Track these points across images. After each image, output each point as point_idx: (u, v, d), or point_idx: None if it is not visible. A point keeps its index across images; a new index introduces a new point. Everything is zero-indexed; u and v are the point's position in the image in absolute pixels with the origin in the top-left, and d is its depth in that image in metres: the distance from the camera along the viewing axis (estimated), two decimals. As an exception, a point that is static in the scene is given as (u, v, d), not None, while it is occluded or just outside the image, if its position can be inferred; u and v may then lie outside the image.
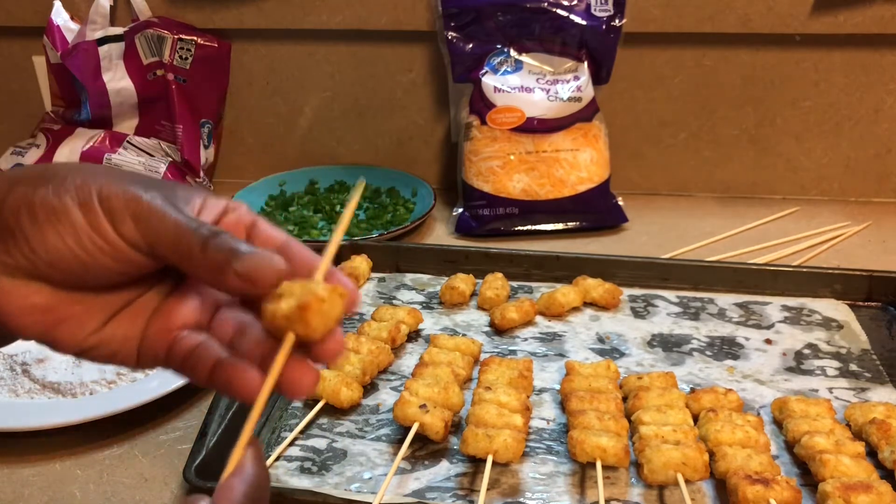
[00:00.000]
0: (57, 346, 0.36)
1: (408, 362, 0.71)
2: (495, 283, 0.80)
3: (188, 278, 0.38)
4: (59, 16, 1.05)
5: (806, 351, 0.72)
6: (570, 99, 0.98)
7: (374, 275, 0.84)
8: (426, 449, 0.59)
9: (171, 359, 0.37)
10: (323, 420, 0.63)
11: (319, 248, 0.39)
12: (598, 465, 0.55)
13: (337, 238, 0.38)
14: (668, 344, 0.74)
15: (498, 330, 0.75)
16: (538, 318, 0.77)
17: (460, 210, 1.00)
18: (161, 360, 0.37)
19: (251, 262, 0.34)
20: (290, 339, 0.34)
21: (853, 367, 0.70)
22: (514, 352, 0.72)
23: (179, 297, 0.38)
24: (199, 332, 0.37)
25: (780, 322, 0.77)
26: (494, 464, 0.56)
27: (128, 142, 1.07)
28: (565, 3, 0.98)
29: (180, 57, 1.06)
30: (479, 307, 0.79)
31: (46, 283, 0.34)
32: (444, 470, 0.57)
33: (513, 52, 1.00)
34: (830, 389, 0.67)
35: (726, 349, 0.73)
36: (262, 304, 0.34)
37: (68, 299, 0.35)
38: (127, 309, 0.37)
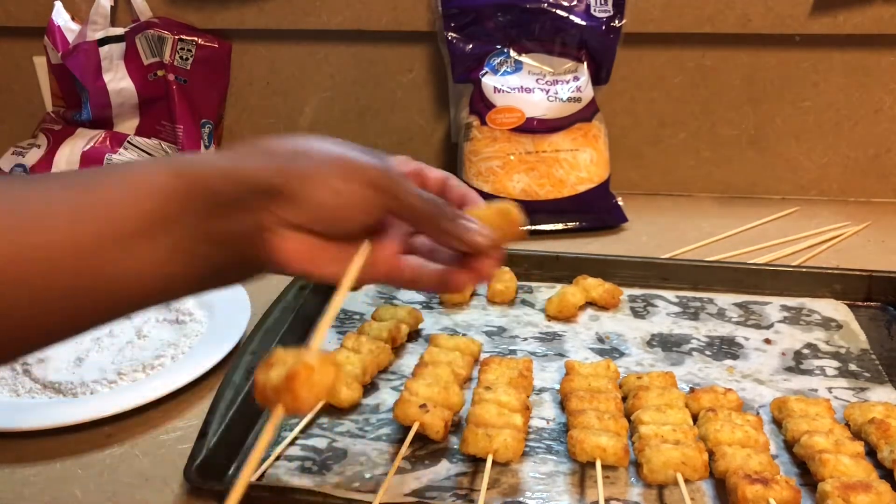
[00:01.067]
0: (316, 278, 0.45)
1: (408, 362, 0.71)
2: (504, 277, 0.80)
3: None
4: (60, 16, 1.05)
5: (805, 351, 0.72)
6: (569, 99, 0.98)
7: (374, 275, 0.85)
8: (426, 448, 0.59)
9: (400, 279, 0.48)
10: (323, 419, 0.63)
11: None
12: (598, 464, 0.55)
13: (338, 302, 0.43)
14: (668, 344, 0.74)
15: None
16: (538, 319, 0.78)
17: (460, 210, 1.00)
18: (382, 278, 0.48)
19: (473, 236, 0.47)
20: (279, 410, 0.35)
21: (852, 366, 0.70)
22: (513, 351, 0.73)
23: (391, 231, 0.48)
24: (415, 257, 0.49)
25: (779, 322, 0.77)
26: (494, 463, 0.56)
27: (128, 142, 1.07)
28: (565, 4, 0.98)
29: (181, 57, 1.07)
30: (490, 301, 0.80)
31: (310, 233, 0.43)
32: (444, 469, 0.58)
33: (513, 53, 1.00)
34: (830, 389, 0.67)
35: (726, 349, 0.73)
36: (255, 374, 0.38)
37: (320, 246, 0.44)
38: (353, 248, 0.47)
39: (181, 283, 0.43)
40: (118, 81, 1.05)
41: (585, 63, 1.00)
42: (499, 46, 1.00)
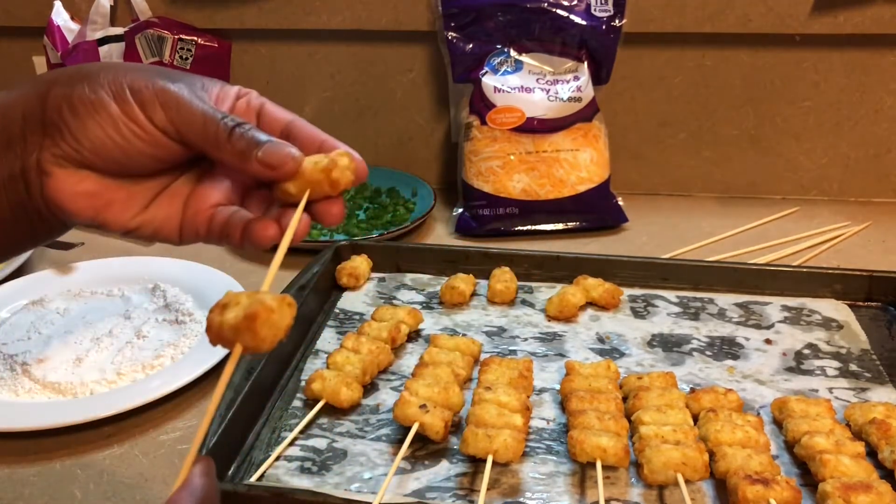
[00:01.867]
0: (106, 226, 0.41)
1: (408, 362, 0.71)
2: (504, 277, 0.80)
3: (217, 165, 0.43)
4: (60, 16, 1.05)
5: (806, 351, 0.72)
6: (570, 99, 0.98)
7: (374, 275, 0.84)
8: (426, 449, 0.59)
9: (210, 231, 0.42)
10: (323, 420, 0.63)
11: (318, 249, 0.39)
12: (598, 465, 0.55)
13: (276, 262, 0.39)
14: (668, 344, 0.74)
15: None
16: (538, 319, 0.78)
17: (460, 210, 1.00)
18: (201, 234, 0.43)
19: (270, 150, 0.40)
20: (238, 348, 0.35)
21: (853, 367, 0.70)
22: (514, 352, 0.72)
23: (211, 180, 0.43)
24: (231, 206, 0.43)
25: (780, 322, 0.77)
26: (494, 464, 0.56)
27: (128, 142, 1.07)
28: (565, 4, 0.98)
29: (181, 57, 1.06)
30: (490, 301, 0.80)
31: (92, 170, 0.39)
32: (444, 470, 0.57)
33: (513, 53, 1.00)
34: (830, 389, 0.67)
35: (726, 349, 0.73)
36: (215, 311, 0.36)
37: (113, 185, 0.40)
38: (165, 192, 0.42)
39: None
40: (118, 81, 1.05)
41: (586, 63, 1.00)
42: (499, 46, 1.00)
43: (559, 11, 0.98)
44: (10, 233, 0.41)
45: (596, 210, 1.00)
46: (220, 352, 0.69)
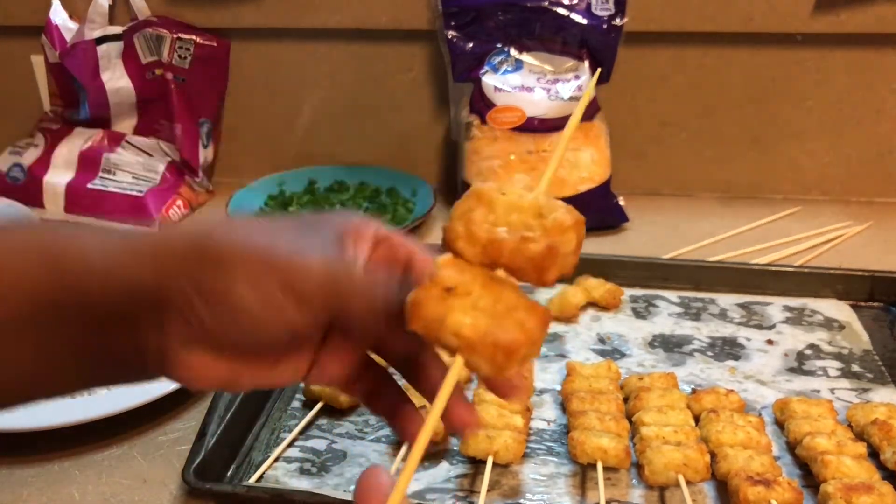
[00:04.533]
0: (234, 391, 0.43)
1: (408, 363, 0.70)
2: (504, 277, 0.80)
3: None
4: (58, 15, 1.05)
5: (807, 351, 0.72)
6: (570, 98, 0.98)
7: (373, 275, 0.84)
8: (426, 450, 0.59)
9: (351, 393, 0.39)
10: (322, 421, 0.62)
11: None
12: (599, 466, 0.55)
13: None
14: (670, 344, 0.73)
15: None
16: (539, 319, 0.77)
17: (460, 210, 1.00)
18: (340, 385, 0.39)
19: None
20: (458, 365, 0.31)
21: (855, 367, 0.70)
22: (514, 352, 0.72)
23: (332, 349, 0.37)
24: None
25: (781, 322, 0.76)
26: (495, 465, 0.55)
27: (126, 141, 1.07)
28: (566, 3, 0.98)
29: (179, 56, 1.06)
30: None
31: (221, 352, 0.34)
32: (444, 471, 0.57)
33: (513, 52, 0.99)
34: (832, 390, 0.67)
35: (728, 350, 0.72)
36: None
37: (241, 362, 0.35)
38: (288, 357, 0.37)
39: (54, 390, 0.37)
40: (116, 80, 1.05)
41: (587, 62, 1.00)
42: (499, 45, 0.99)
43: (560, 10, 0.98)
44: (107, 382, 0.39)
45: (597, 210, 0.99)
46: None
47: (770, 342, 0.73)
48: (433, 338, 0.29)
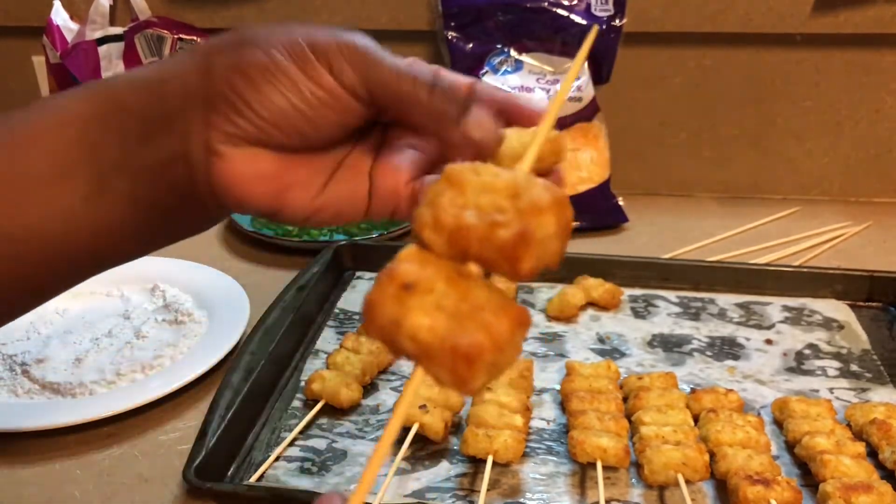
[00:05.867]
0: (284, 212, 0.36)
1: (408, 363, 0.70)
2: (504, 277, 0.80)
3: (392, 135, 0.38)
4: (59, 15, 1.05)
5: (806, 351, 0.72)
6: (570, 99, 0.98)
7: (373, 275, 0.84)
8: (426, 449, 0.59)
9: (406, 214, 0.37)
10: (323, 420, 0.62)
11: (317, 249, 0.39)
12: (599, 465, 0.55)
13: (562, 95, 0.33)
14: (669, 344, 0.73)
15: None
16: (539, 319, 0.77)
17: (460, 210, 1.00)
18: (402, 213, 0.37)
19: (477, 120, 0.34)
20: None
21: (854, 367, 0.70)
22: (514, 352, 0.72)
23: (395, 151, 0.37)
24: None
25: (780, 322, 0.76)
26: (494, 464, 0.55)
27: (127, 142, 1.07)
28: (565, 3, 0.98)
29: (180, 57, 1.06)
30: None
31: (269, 148, 0.34)
32: (444, 470, 0.57)
33: (513, 52, 1.00)
34: (831, 390, 0.67)
35: (727, 349, 0.72)
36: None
37: (292, 164, 0.35)
38: (343, 167, 0.37)
39: (118, 232, 0.36)
40: (117, 81, 1.05)
41: (586, 62, 1.00)
42: (499, 46, 1.00)
43: (559, 11, 0.98)
44: (165, 222, 0.37)
45: (596, 210, 0.99)
46: (220, 352, 0.69)
47: (769, 342, 0.73)
48: (390, 345, 0.25)
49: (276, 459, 0.58)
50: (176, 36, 1.05)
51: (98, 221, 0.35)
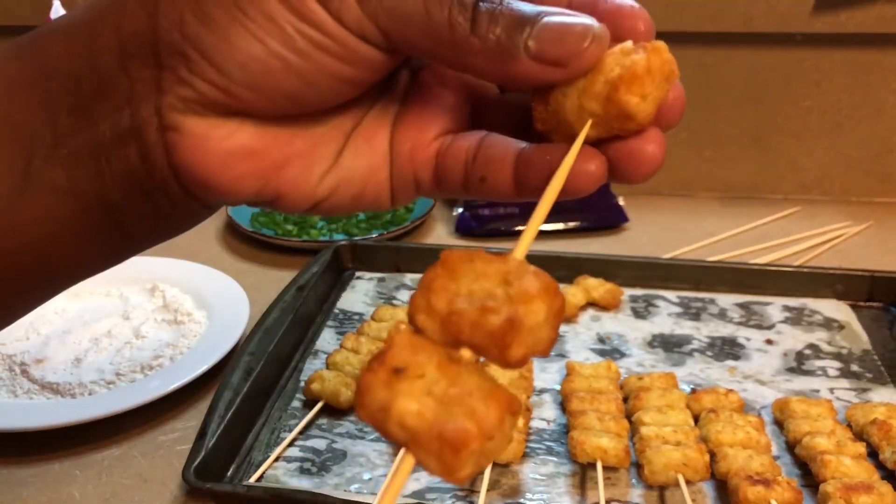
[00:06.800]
0: (284, 201, 0.27)
1: (408, 363, 0.70)
2: None
3: (424, 78, 0.28)
4: (58, 14, 1.05)
5: (807, 351, 0.72)
6: (570, 98, 0.98)
7: (373, 275, 0.84)
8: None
9: (444, 176, 0.27)
10: (322, 421, 0.62)
11: (317, 249, 0.38)
12: (599, 465, 0.55)
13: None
14: (669, 344, 0.73)
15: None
16: (538, 319, 0.77)
17: (460, 210, 1.00)
18: (425, 185, 0.28)
19: (551, 30, 0.23)
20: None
21: (854, 367, 0.70)
22: (514, 352, 0.72)
23: (423, 102, 0.28)
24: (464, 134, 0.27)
25: (781, 322, 0.76)
26: (494, 464, 0.55)
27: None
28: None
29: (180, 56, 1.06)
30: None
31: (248, 116, 0.25)
32: (443, 471, 0.57)
33: (513, 52, 0.99)
34: (832, 390, 0.67)
35: (727, 349, 0.72)
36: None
37: (283, 134, 0.26)
38: (358, 133, 0.28)
39: (63, 239, 0.27)
40: (117, 80, 1.05)
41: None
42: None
43: (560, 10, 0.98)
44: (122, 224, 0.27)
45: (596, 210, 0.99)
46: (219, 352, 0.69)
47: (769, 342, 0.73)
48: (381, 430, 0.24)
49: (276, 460, 0.58)
50: (176, 35, 1.05)
51: (34, 224, 0.26)
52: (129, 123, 0.25)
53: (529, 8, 0.24)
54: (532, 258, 0.25)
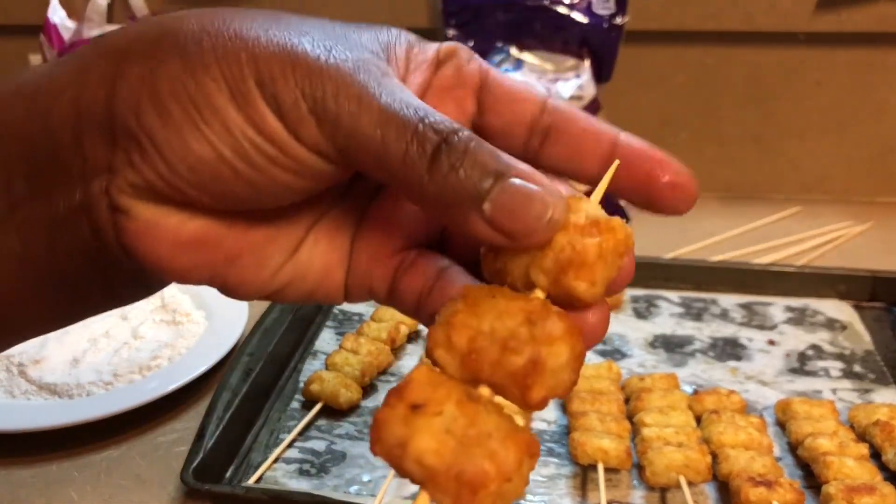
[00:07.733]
0: (233, 291, 0.26)
1: (407, 363, 0.70)
2: None
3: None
4: (56, 14, 1.04)
5: (809, 352, 0.72)
6: (571, 97, 0.98)
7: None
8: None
9: (399, 299, 0.27)
10: (322, 422, 0.62)
11: None
12: (600, 467, 0.55)
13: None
14: (671, 345, 0.73)
15: None
16: (539, 319, 0.77)
17: (461, 209, 1.00)
18: (381, 297, 0.27)
19: (506, 201, 0.22)
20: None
21: (857, 368, 0.69)
22: (514, 352, 0.72)
23: (389, 205, 0.27)
24: (429, 252, 0.26)
25: (783, 323, 0.76)
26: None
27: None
28: (566, 1, 0.98)
29: (179, 55, 1.06)
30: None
31: (197, 208, 0.24)
32: (444, 472, 0.57)
33: (513, 51, 0.99)
34: (834, 391, 0.66)
35: (729, 350, 0.72)
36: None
37: (238, 225, 0.25)
38: (317, 230, 0.27)
39: (13, 303, 0.27)
40: (116, 80, 1.04)
41: (587, 61, 0.99)
42: (499, 44, 0.99)
43: (560, 9, 0.97)
44: (75, 292, 0.27)
45: (597, 209, 0.99)
46: (218, 353, 0.68)
47: (772, 342, 0.73)
48: (397, 467, 0.24)
49: (275, 461, 0.57)
50: (175, 34, 1.05)
51: None
52: (81, 199, 0.24)
53: (496, 161, 0.22)
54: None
